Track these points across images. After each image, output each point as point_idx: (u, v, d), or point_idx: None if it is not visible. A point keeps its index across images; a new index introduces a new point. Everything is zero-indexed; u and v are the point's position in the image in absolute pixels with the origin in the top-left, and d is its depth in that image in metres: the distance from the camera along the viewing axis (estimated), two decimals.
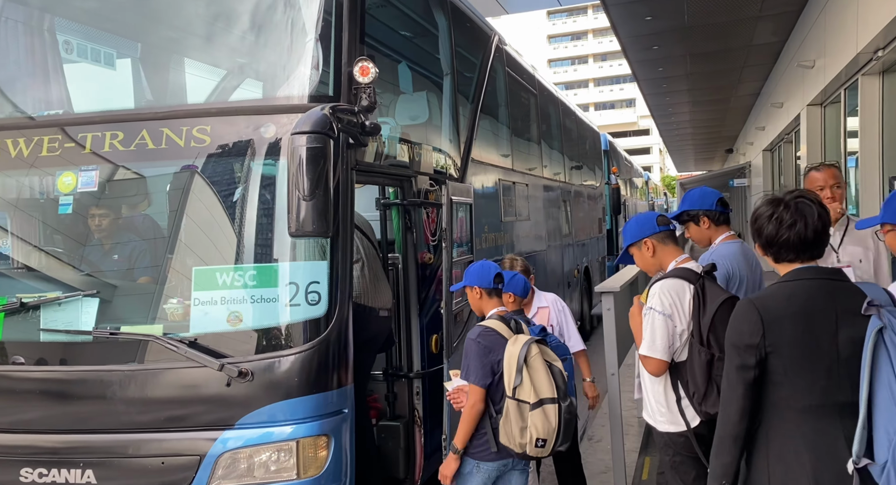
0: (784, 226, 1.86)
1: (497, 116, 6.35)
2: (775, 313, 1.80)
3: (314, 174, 2.66)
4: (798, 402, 1.80)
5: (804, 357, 1.78)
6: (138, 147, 3.10)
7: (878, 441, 1.66)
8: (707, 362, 2.31)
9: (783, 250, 1.88)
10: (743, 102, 17.32)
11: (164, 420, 2.86)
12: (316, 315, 2.95)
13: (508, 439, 2.68)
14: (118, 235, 3.28)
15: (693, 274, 2.43)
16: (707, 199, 2.79)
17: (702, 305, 2.35)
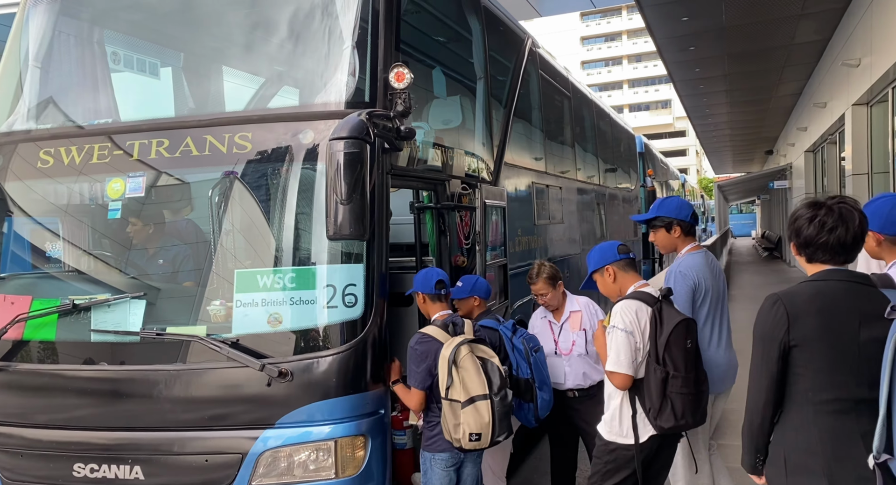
0: (825, 229, 1.93)
1: (530, 119, 6.34)
2: (801, 309, 1.89)
3: (352, 179, 2.71)
4: (817, 396, 1.88)
5: (825, 353, 1.87)
6: (183, 154, 3.21)
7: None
8: (662, 380, 2.51)
9: (820, 252, 1.95)
10: (783, 103, 16.89)
11: (207, 419, 2.94)
12: (353, 317, 3.00)
13: (448, 434, 2.93)
14: (163, 239, 3.40)
15: (651, 297, 2.63)
16: (683, 210, 2.96)
17: (659, 326, 2.54)
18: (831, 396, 1.88)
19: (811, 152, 15.94)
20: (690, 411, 2.55)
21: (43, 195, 3.50)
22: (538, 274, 3.63)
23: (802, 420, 1.91)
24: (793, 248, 2.06)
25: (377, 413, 3.04)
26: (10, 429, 3.12)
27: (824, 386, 1.88)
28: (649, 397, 2.54)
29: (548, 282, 3.62)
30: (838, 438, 1.87)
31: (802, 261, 2.03)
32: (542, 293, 3.64)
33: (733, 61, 12.66)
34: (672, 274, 2.88)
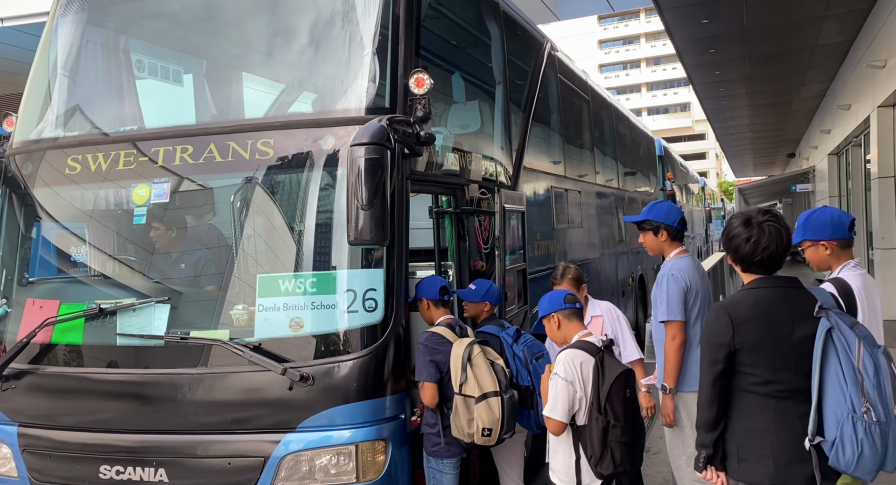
0: (760, 248, 2.18)
1: (549, 123, 6.33)
2: (743, 317, 2.14)
3: (372, 184, 2.73)
4: (763, 387, 2.14)
5: (766, 353, 2.12)
6: (207, 160, 3.25)
7: (828, 422, 2.02)
8: (603, 429, 2.63)
9: (755, 266, 2.22)
10: (806, 105, 16.65)
11: (230, 422, 2.97)
12: (373, 321, 3.01)
13: (458, 430, 2.98)
14: (187, 244, 3.45)
15: (594, 347, 2.76)
16: (672, 215, 3.06)
17: (601, 377, 2.66)
18: (773, 387, 2.13)
19: (835, 155, 15.68)
20: (629, 459, 2.69)
21: (70, 201, 3.57)
22: (563, 275, 3.61)
23: (750, 408, 2.16)
24: (729, 260, 2.32)
25: (398, 417, 3.05)
26: (38, 431, 3.18)
27: (767, 380, 2.13)
28: (591, 445, 2.65)
29: (573, 283, 3.60)
30: (782, 416, 2.12)
31: (738, 269, 2.30)
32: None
33: (754, 64, 12.52)
34: (665, 277, 2.95)
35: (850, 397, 1.99)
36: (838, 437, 1.99)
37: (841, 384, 2.00)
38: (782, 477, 2.10)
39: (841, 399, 1.99)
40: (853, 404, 1.98)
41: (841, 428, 1.98)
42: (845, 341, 2.05)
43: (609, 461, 2.62)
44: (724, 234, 2.30)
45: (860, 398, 1.98)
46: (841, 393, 2.00)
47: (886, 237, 9.81)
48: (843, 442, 1.98)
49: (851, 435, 1.97)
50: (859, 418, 1.97)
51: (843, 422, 1.98)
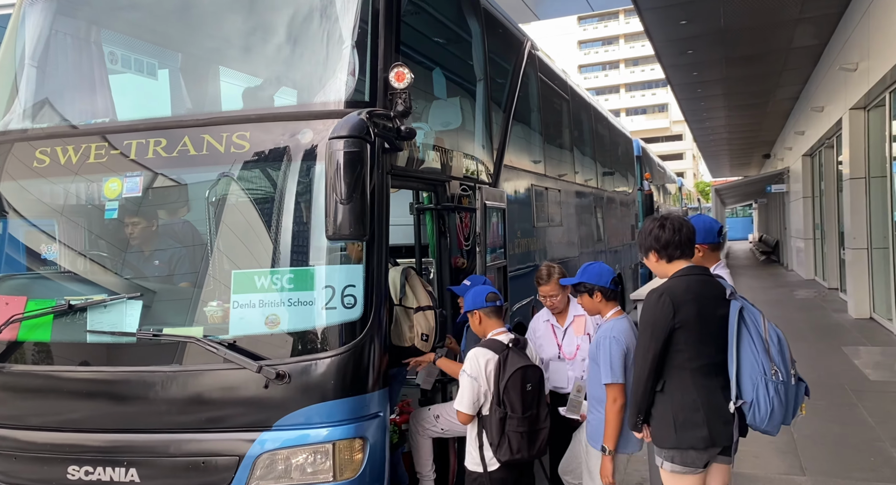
0: (676, 230, 2.59)
1: (529, 122, 6.33)
2: (681, 299, 2.48)
3: (351, 178, 2.68)
4: (692, 363, 2.47)
5: (698, 331, 2.46)
6: (180, 153, 3.17)
7: (745, 386, 2.42)
8: (500, 419, 2.94)
9: (676, 250, 2.58)
10: (781, 107, 16.93)
11: (204, 421, 2.90)
12: (352, 318, 2.97)
13: (397, 338, 3.28)
14: (160, 239, 3.36)
15: (500, 345, 3.03)
16: (604, 276, 3.17)
17: (502, 372, 2.94)
18: (703, 362, 2.47)
19: (808, 156, 15.97)
20: (526, 447, 2.97)
21: (39, 195, 3.46)
22: (549, 275, 3.60)
23: (684, 383, 2.48)
24: (653, 257, 2.63)
25: (376, 415, 3.01)
26: (4, 431, 3.08)
27: (698, 355, 2.47)
28: (490, 434, 2.97)
29: (557, 283, 3.59)
30: (710, 392, 2.47)
31: (663, 264, 2.61)
32: (552, 295, 3.61)
33: (731, 65, 12.68)
34: (606, 338, 2.98)
35: (762, 363, 2.39)
36: (755, 397, 2.39)
37: (754, 353, 2.41)
38: (714, 438, 2.47)
39: (755, 365, 2.39)
40: (764, 367, 2.39)
41: (756, 390, 2.38)
42: (753, 318, 2.49)
43: (506, 449, 2.93)
44: (639, 237, 2.66)
45: (769, 363, 2.39)
46: (754, 360, 2.40)
47: (857, 237, 10.00)
48: (759, 401, 2.38)
49: (765, 394, 2.38)
50: (770, 379, 2.37)
51: (758, 384, 2.38)
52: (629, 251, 11.50)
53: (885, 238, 9.35)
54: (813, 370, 7.06)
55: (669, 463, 2.55)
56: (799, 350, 8.14)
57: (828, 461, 4.43)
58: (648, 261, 2.69)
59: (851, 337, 8.80)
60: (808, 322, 10.24)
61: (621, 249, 10.70)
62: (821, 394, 6.00)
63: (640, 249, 2.72)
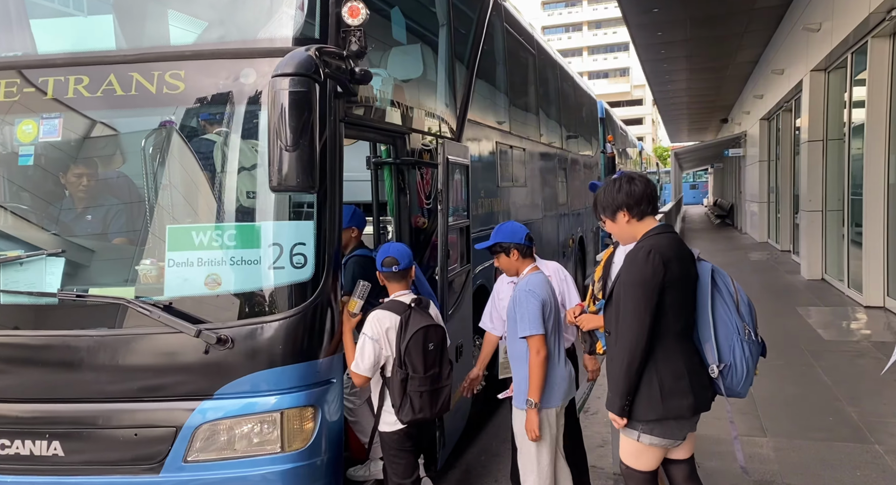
0: (643, 184, 2.48)
1: (494, 76, 6.05)
2: (668, 256, 2.32)
3: (298, 122, 2.40)
4: (675, 326, 2.33)
5: (682, 290, 2.34)
6: (105, 93, 2.82)
7: (723, 349, 2.34)
8: (402, 380, 2.87)
9: (644, 204, 2.45)
10: (741, 70, 16.98)
11: (137, 389, 2.65)
12: (302, 279, 2.73)
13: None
14: (87, 190, 3.01)
15: (402, 306, 2.95)
16: (517, 234, 3.13)
17: (403, 333, 2.88)
18: (683, 324, 2.35)
19: (766, 120, 16.15)
20: (429, 406, 2.91)
21: None
22: None
23: (668, 349, 2.33)
24: (623, 216, 2.47)
25: (329, 382, 2.81)
26: None
27: (679, 317, 2.34)
28: (392, 395, 2.91)
29: None
30: (690, 357, 2.36)
31: (634, 223, 2.46)
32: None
33: (695, 26, 12.54)
34: (522, 293, 2.96)
35: (735, 322, 2.32)
36: (732, 360, 2.32)
37: (727, 314, 2.33)
38: (699, 405, 2.38)
39: (730, 327, 2.32)
40: (738, 327, 2.32)
41: (733, 351, 2.31)
42: (723, 278, 2.42)
43: (408, 409, 2.88)
44: (605, 198, 2.50)
45: (741, 322, 2.33)
46: (728, 320, 2.33)
47: (813, 199, 10.16)
48: (736, 363, 2.32)
49: (741, 355, 2.32)
50: (744, 338, 2.31)
51: (734, 345, 2.31)
52: (591, 215, 11.46)
53: (839, 201, 9.51)
54: (770, 331, 7.15)
55: (648, 436, 2.39)
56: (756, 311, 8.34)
57: (787, 422, 4.45)
58: (616, 223, 2.49)
59: (805, 298, 9.00)
60: (763, 284, 10.45)
61: (583, 213, 10.63)
62: (778, 354, 6.09)
63: (602, 211, 2.53)
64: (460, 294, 4.19)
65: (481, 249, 3.30)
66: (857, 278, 8.44)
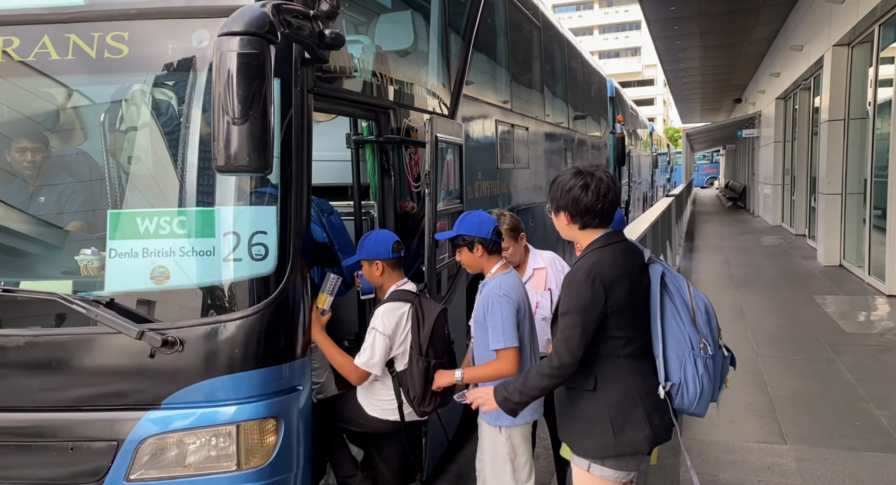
0: (601, 196, 2.08)
1: (495, 49, 5.63)
2: (611, 278, 2.02)
3: (247, 89, 2.03)
4: (626, 349, 2.06)
5: (629, 312, 2.05)
6: (38, 57, 2.47)
7: (672, 365, 2.03)
8: (425, 369, 2.70)
9: (596, 218, 2.10)
10: (756, 47, 16.35)
11: (73, 398, 2.33)
12: (262, 272, 2.39)
13: None
14: (12, 165, 2.67)
15: (410, 294, 2.79)
16: (484, 226, 2.74)
17: (421, 321, 2.71)
18: (634, 346, 2.07)
19: (782, 100, 15.58)
20: (449, 392, 2.77)
21: None
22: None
23: (619, 375, 2.06)
24: (565, 218, 2.13)
25: (294, 390, 2.48)
26: None
27: (630, 340, 2.06)
28: (413, 387, 2.71)
29: (509, 234, 3.04)
30: (643, 375, 2.07)
31: (574, 229, 2.14)
32: (503, 248, 3.07)
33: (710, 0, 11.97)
34: (494, 296, 2.59)
35: (689, 336, 2.02)
36: (682, 378, 2.02)
37: (679, 325, 2.03)
38: (657, 436, 2.07)
39: (681, 339, 2.02)
40: (691, 341, 2.02)
41: (684, 368, 2.02)
42: (676, 283, 2.09)
43: (430, 399, 2.74)
44: (555, 190, 2.14)
45: (697, 335, 2.02)
46: (680, 333, 2.03)
47: (832, 182, 9.69)
48: (687, 381, 2.01)
49: (693, 373, 2.01)
50: (698, 354, 2.01)
51: (686, 361, 2.01)
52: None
53: (860, 183, 9.05)
54: (786, 321, 6.80)
55: (599, 466, 2.11)
56: (770, 298, 7.96)
57: (809, 426, 4.10)
58: (557, 220, 2.18)
59: (822, 285, 8.60)
60: (777, 269, 10.05)
61: None
62: (796, 348, 5.72)
63: (550, 201, 2.19)
64: (451, 287, 3.84)
65: (441, 239, 2.94)
66: (879, 265, 8.01)
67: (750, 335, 6.31)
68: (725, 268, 10.49)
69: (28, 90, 2.56)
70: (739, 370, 5.19)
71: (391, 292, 2.80)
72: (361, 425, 2.87)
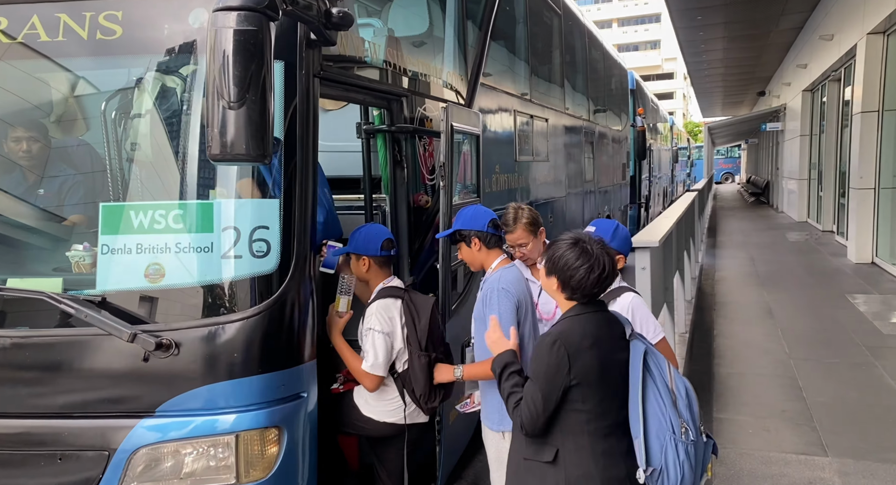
0: (600, 281, 2.00)
1: (514, 37, 5.41)
2: (577, 347, 1.94)
3: (244, 70, 1.85)
4: (591, 425, 1.96)
5: (599, 386, 1.95)
6: (28, 38, 2.32)
7: (653, 449, 1.92)
8: (426, 364, 2.62)
9: (585, 296, 2.02)
10: (783, 38, 15.87)
11: (61, 404, 2.18)
12: (264, 270, 2.23)
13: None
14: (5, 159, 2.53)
15: (399, 290, 2.70)
16: (479, 219, 2.62)
17: (416, 315, 2.64)
18: (603, 422, 1.96)
19: (809, 92, 15.12)
20: (450, 385, 2.70)
21: None
22: (516, 219, 2.85)
23: (581, 452, 1.96)
24: (556, 282, 2.05)
25: (298, 397, 2.31)
26: None
27: (598, 415, 1.95)
28: (417, 386, 2.63)
29: (528, 229, 2.84)
30: (608, 457, 1.95)
31: (561, 297, 2.06)
32: (521, 243, 2.87)
33: None
34: (494, 291, 2.48)
35: (670, 419, 1.92)
36: (663, 463, 1.91)
37: (661, 408, 1.94)
38: None
39: (662, 423, 1.92)
40: (673, 425, 1.92)
41: (665, 453, 1.91)
42: (658, 363, 2.00)
43: (435, 394, 2.67)
44: (551, 258, 2.05)
45: (678, 419, 1.93)
46: (662, 417, 1.93)
47: (864, 176, 9.32)
48: (668, 467, 1.91)
49: (674, 458, 1.91)
50: (679, 439, 1.92)
51: (667, 446, 1.91)
52: (619, 192, 10.79)
53: (894, 178, 8.68)
54: (818, 321, 6.51)
55: None
56: (799, 297, 7.64)
57: (852, 437, 3.82)
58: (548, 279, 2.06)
59: (854, 284, 8.26)
60: (806, 267, 9.71)
61: (611, 190, 9.96)
62: (832, 351, 5.44)
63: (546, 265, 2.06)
64: (467, 285, 3.65)
65: (441, 238, 2.82)
66: None
67: (780, 336, 6.04)
68: (750, 265, 10.17)
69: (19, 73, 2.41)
70: (770, 376, 4.95)
71: (379, 290, 2.69)
72: (359, 428, 2.74)
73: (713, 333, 6.27)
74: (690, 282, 7.96)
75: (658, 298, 4.08)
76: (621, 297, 2.50)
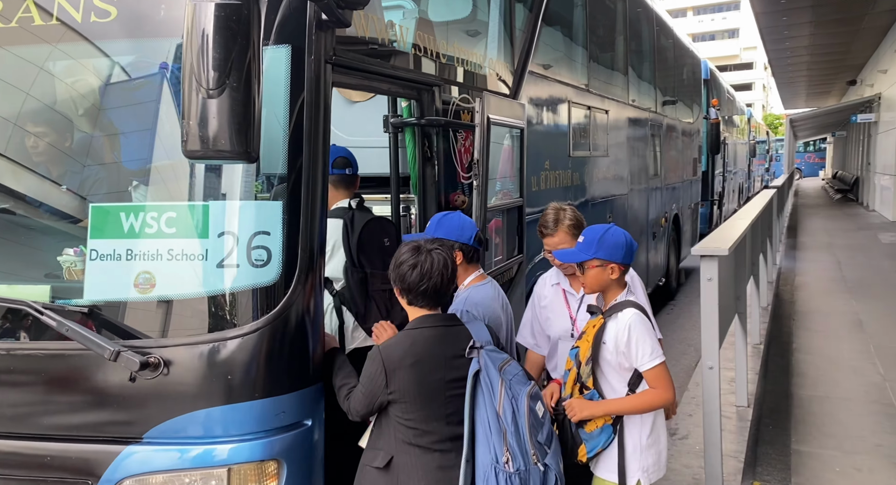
0: (426, 278, 2.02)
1: (570, 22, 4.99)
2: (396, 364, 1.96)
3: (225, 51, 1.59)
4: (422, 439, 1.98)
5: (419, 403, 1.97)
6: (22, 22, 2.16)
7: (478, 474, 1.94)
8: (361, 280, 2.59)
9: (419, 298, 2.05)
10: (879, 21, 14.52)
11: (41, 425, 2.01)
12: (264, 281, 1.98)
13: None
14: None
15: (344, 210, 2.69)
16: (466, 230, 2.43)
17: (350, 232, 2.61)
18: (434, 437, 1.97)
19: None
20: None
21: None
22: (557, 221, 2.50)
23: (411, 463, 1.97)
24: (397, 291, 2.10)
25: (300, 425, 2.04)
26: None
27: (425, 432, 1.97)
28: (354, 302, 2.61)
29: (571, 232, 2.49)
30: (442, 470, 1.95)
31: (405, 303, 2.10)
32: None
33: None
34: (456, 313, 2.28)
35: (494, 446, 1.93)
36: None
37: (486, 432, 1.95)
38: None
39: (486, 448, 1.94)
40: (496, 453, 1.93)
41: (486, 480, 1.92)
42: (490, 384, 1.98)
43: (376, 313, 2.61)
44: (395, 262, 2.08)
45: (502, 447, 1.93)
46: (486, 441, 1.94)
47: None
48: None
49: None
50: (501, 468, 1.92)
51: (488, 473, 1.92)
52: (689, 188, 10.10)
53: None
54: None
55: None
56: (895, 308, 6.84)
57: None
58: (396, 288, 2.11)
59: None
60: None
61: (680, 186, 9.32)
62: None
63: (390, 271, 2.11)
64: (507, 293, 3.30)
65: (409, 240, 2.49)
66: None
67: (873, 353, 5.35)
68: (836, 270, 9.28)
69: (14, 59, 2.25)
70: (861, 401, 4.35)
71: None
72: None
73: (792, 347, 5.65)
74: (767, 287, 7.29)
75: (727, 312, 3.61)
76: (622, 312, 2.21)
